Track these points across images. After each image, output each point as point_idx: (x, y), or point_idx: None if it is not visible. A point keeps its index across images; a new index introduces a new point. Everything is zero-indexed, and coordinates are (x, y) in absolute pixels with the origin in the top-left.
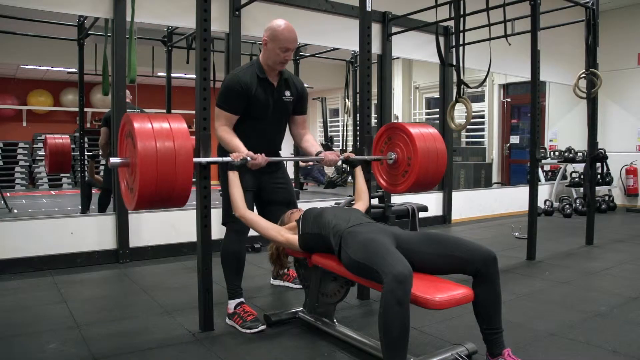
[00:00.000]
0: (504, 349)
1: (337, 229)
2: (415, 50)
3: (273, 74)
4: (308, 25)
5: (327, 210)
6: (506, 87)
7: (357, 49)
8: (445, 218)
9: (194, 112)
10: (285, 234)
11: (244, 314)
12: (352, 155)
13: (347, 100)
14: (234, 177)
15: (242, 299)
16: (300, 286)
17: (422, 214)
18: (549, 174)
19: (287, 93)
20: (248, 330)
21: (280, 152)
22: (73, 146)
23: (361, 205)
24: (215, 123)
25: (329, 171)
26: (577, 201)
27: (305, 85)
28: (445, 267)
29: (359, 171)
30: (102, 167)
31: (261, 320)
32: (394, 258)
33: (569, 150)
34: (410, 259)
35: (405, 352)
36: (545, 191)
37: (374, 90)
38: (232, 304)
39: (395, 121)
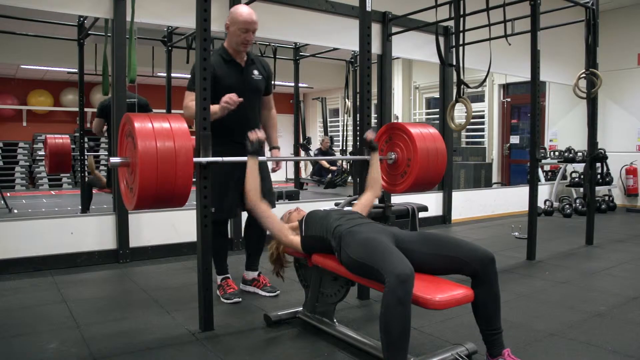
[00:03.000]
0: (503, 349)
1: (337, 231)
2: (415, 50)
3: (239, 56)
4: (308, 25)
5: (331, 213)
6: (506, 87)
7: (357, 49)
8: (445, 218)
9: None
10: (290, 235)
11: (227, 287)
12: (371, 135)
13: (347, 100)
14: (252, 164)
15: (227, 275)
16: (270, 294)
17: (422, 214)
18: (549, 174)
19: (256, 72)
20: (226, 301)
21: (258, 126)
22: (73, 146)
23: (371, 194)
24: (184, 103)
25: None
26: (577, 201)
27: (305, 85)
28: (443, 267)
29: (376, 157)
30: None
31: (239, 295)
32: (395, 257)
33: (569, 150)
34: (408, 259)
35: (406, 351)
36: (545, 191)
37: (374, 90)
38: (219, 278)
39: (395, 121)
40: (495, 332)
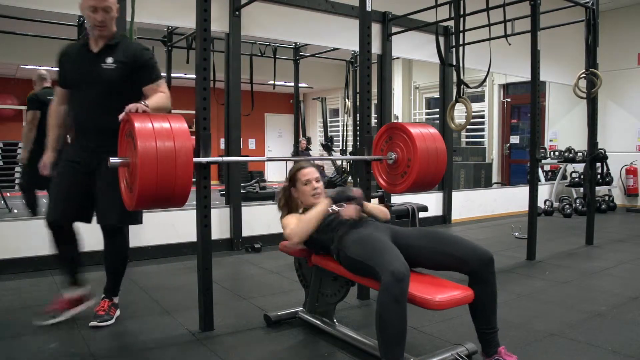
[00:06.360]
0: (498, 347)
1: (336, 235)
2: (415, 50)
3: (97, 42)
4: (308, 25)
5: (332, 223)
6: (506, 87)
7: (357, 49)
8: (445, 218)
9: (194, 112)
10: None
11: (55, 304)
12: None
13: (347, 100)
14: (324, 206)
15: (65, 292)
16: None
17: (422, 214)
18: (549, 174)
19: (109, 60)
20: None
21: (108, 128)
22: None
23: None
24: None
25: (329, 172)
26: (577, 201)
27: (305, 85)
28: (441, 263)
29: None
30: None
31: (58, 316)
32: (391, 256)
33: (569, 150)
34: (406, 253)
35: (403, 349)
36: (545, 191)
37: (374, 90)
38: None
39: (395, 121)
40: (491, 331)
